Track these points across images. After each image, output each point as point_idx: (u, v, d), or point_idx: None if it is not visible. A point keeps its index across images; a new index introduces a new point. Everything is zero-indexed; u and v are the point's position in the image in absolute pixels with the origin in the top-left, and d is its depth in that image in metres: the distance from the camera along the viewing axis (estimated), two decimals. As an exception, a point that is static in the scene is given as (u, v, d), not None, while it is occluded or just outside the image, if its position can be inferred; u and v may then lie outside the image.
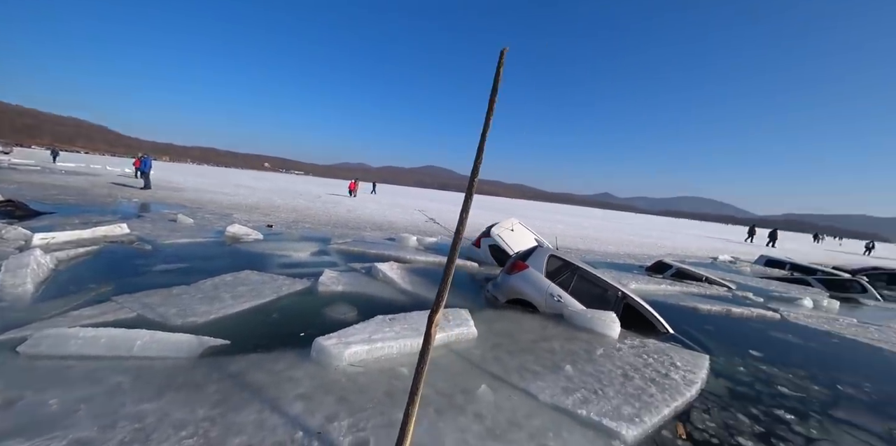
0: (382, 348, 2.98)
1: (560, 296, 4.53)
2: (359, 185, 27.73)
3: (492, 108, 1.98)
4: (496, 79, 2.00)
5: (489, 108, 1.98)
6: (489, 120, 1.96)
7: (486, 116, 1.99)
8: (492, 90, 2.01)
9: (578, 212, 59.50)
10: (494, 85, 2.00)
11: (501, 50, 2.07)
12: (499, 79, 1.99)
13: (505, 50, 2.06)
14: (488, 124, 1.95)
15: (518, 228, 7.84)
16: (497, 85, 2.00)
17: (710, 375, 3.53)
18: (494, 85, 2.00)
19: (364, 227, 11.19)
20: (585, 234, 17.74)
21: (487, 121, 1.96)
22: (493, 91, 2.01)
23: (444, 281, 1.80)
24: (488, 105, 1.99)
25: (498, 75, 2.00)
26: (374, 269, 5.51)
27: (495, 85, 2.00)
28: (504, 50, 2.06)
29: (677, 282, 8.11)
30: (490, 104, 1.99)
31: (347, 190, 26.83)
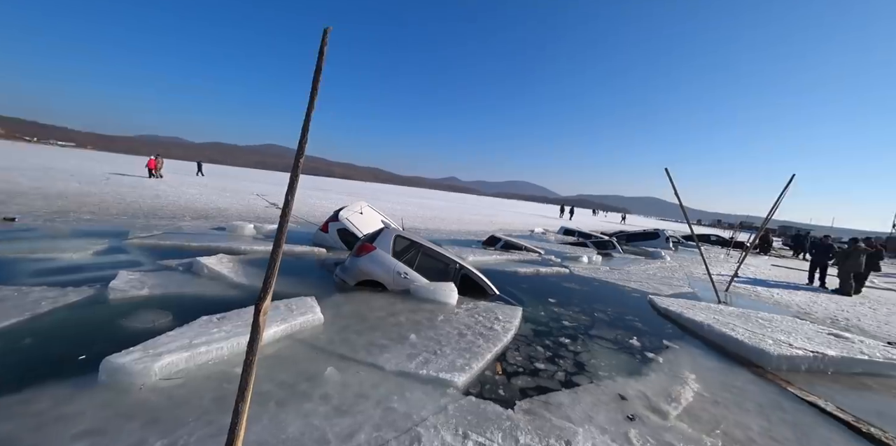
0: (209, 352, 2.61)
1: (406, 272, 4.88)
2: (161, 164, 21.48)
3: (316, 89, 1.92)
4: (320, 59, 1.95)
5: (313, 89, 1.92)
6: (314, 100, 1.90)
7: (310, 96, 1.92)
8: (315, 70, 1.95)
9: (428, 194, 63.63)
10: (318, 65, 1.94)
11: (324, 29, 2.01)
12: (322, 59, 1.94)
13: (328, 29, 2.01)
14: (312, 105, 1.90)
15: (367, 211, 7.88)
16: (321, 65, 1.95)
17: (522, 322, 4.49)
18: (318, 65, 1.94)
19: (181, 216, 9.15)
20: (433, 215, 19.23)
21: (312, 101, 1.90)
22: (316, 71, 1.95)
23: (270, 266, 1.72)
24: (312, 85, 1.93)
25: (321, 55, 1.94)
26: (197, 265, 4.65)
27: (319, 65, 1.94)
28: (327, 29, 2.01)
29: (505, 252, 9.78)
30: (314, 84, 1.93)
31: (147, 170, 20.74)
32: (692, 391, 3.14)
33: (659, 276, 8.99)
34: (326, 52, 2.00)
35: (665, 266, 11.15)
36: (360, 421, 2.21)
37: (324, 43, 1.99)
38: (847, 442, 2.66)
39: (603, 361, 3.62)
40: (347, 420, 2.20)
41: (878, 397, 3.52)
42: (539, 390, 2.93)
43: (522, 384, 3.02)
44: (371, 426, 2.17)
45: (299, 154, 1.84)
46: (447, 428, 2.21)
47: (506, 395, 2.80)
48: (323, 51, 1.98)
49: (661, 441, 2.38)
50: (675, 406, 2.85)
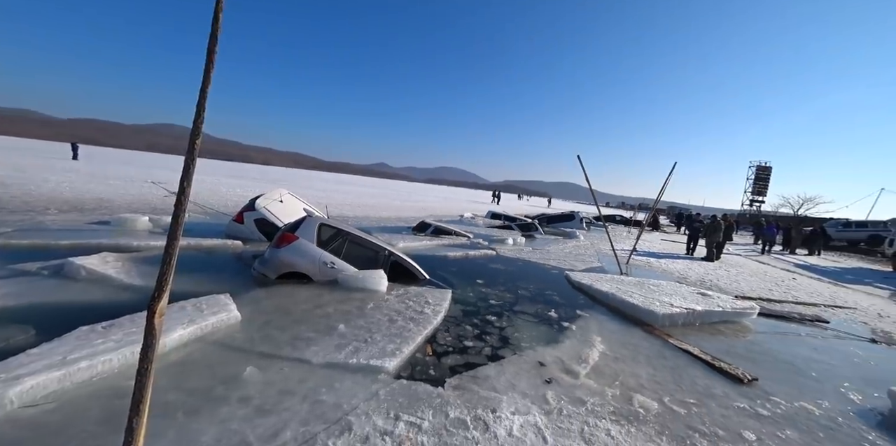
0: (92, 367, 2.23)
1: (333, 262, 4.69)
2: None
3: (212, 61, 1.69)
4: (214, 25, 1.70)
5: (208, 60, 1.68)
6: (209, 73, 1.67)
7: (205, 69, 1.68)
8: (210, 38, 1.70)
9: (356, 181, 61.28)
10: (213, 32, 1.70)
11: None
12: (218, 26, 1.70)
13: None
14: (209, 78, 1.67)
15: (287, 199, 7.33)
16: (216, 32, 1.71)
17: (451, 304, 4.65)
18: (213, 32, 1.70)
19: (43, 209, 7.50)
20: (362, 202, 18.65)
21: (208, 74, 1.67)
22: (211, 39, 1.70)
23: (165, 263, 1.51)
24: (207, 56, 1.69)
25: (216, 21, 1.70)
26: (71, 266, 3.88)
27: (214, 32, 1.70)
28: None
29: (435, 238, 9.94)
30: (209, 55, 1.69)
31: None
32: (598, 352, 3.61)
33: (574, 254, 9.98)
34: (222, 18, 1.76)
35: (580, 244, 12.41)
36: (285, 418, 2.11)
37: (219, 6, 1.75)
38: (707, 377, 3.33)
39: (525, 334, 3.95)
40: (271, 419, 2.09)
41: (727, 339, 4.45)
42: (467, 366, 3.10)
43: (452, 362, 3.16)
44: (297, 422, 2.09)
45: (195, 135, 1.61)
46: (378, 413, 2.23)
47: (436, 374, 2.90)
48: (218, 16, 1.74)
49: (573, 397, 2.70)
50: (585, 366, 3.24)
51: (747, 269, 10.88)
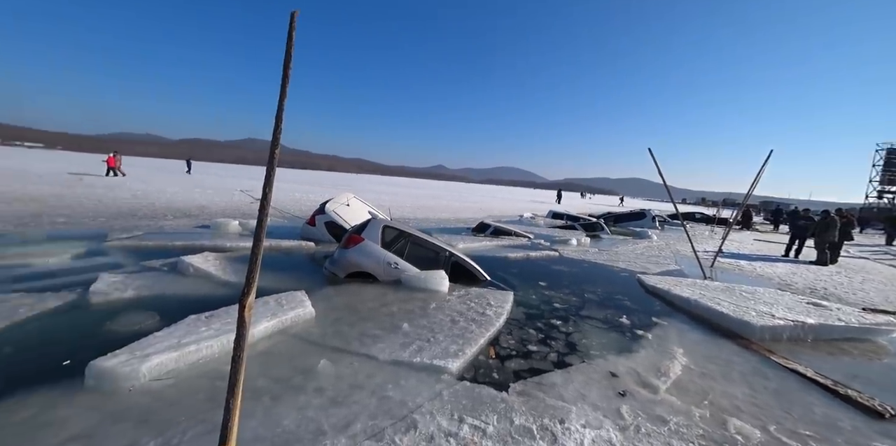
0: (199, 350, 2.58)
1: (396, 262, 4.86)
2: (119, 161, 20.44)
3: (287, 76, 1.84)
4: (289, 44, 1.86)
5: (284, 76, 1.84)
6: (285, 88, 1.83)
7: (281, 85, 1.84)
8: (285, 56, 1.86)
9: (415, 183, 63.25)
10: (287, 50, 1.86)
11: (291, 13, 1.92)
12: (291, 44, 1.85)
13: (295, 13, 1.92)
14: (284, 93, 1.82)
15: (354, 202, 7.79)
16: (290, 50, 1.86)
17: (514, 306, 4.54)
18: (287, 50, 1.86)
19: (162, 216, 8.92)
20: (421, 204, 19.15)
21: (284, 89, 1.82)
22: (286, 56, 1.86)
23: (252, 262, 1.67)
24: (283, 72, 1.85)
25: (290, 40, 1.86)
26: (182, 264, 4.56)
27: (288, 50, 1.86)
28: (294, 13, 1.92)
29: (495, 238, 9.84)
30: (285, 71, 1.85)
31: (106, 167, 19.81)
32: (680, 365, 3.25)
33: (646, 255, 9.17)
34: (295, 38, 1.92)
35: (652, 245, 11.37)
36: (355, 411, 2.22)
37: (292, 28, 1.90)
38: (826, 405, 2.79)
39: (594, 340, 3.70)
40: (343, 410, 2.22)
41: (853, 361, 3.70)
42: (532, 372, 2.99)
43: (516, 366, 3.07)
44: (367, 415, 2.19)
45: (274, 145, 1.77)
46: (442, 414, 2.24)
47: (500, 378, 2.84)
48: (291, 36, 1.90)
49: (652, 414, 2.46)
50: (665, 380, 2.94)
51: (878, 276, 8.99)
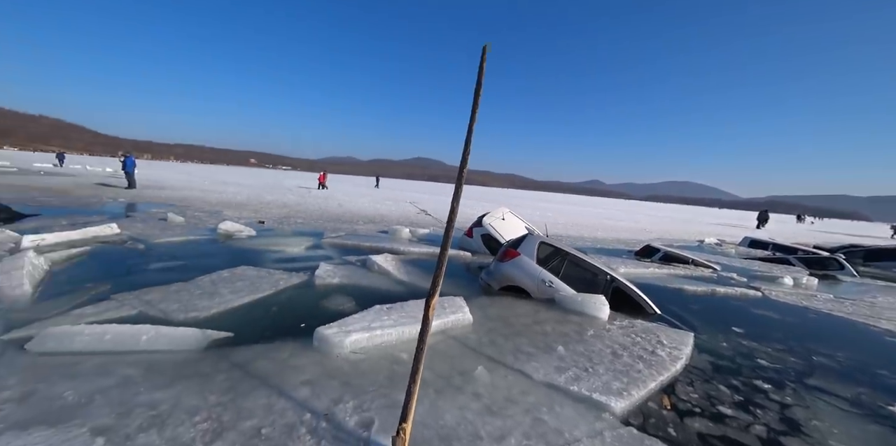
0: (381, 335, 3.10)
1: (551, 281, 4.70)
2: (326, 177, 28.60)
3: (477, 102, 2.06)
4: (480, 73, 2.08)
5: (474, 102, 2.06)
6: (475, 113, 2.04)
7: (472, 110, 2.07)
8: (476, 84, 2.09)
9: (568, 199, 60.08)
10: (479, 79, 2.08)
11: (483, 45, 2.14)
12: (482, 73, 2.07)
13: (487, 46, 2.14)
14: (474, 117, 2.04)
15: (509, 217, 7.98)
16: (481, 79, 2.08)
17: (695, 351, 3.73)
18: (479, 79, 2.08)
19: (356, 221, 11.24)
20: (575, 221, 18.02)
21: (473, 114, 2.04)
22: (477, 85, 2.09)
23: (438, 268, 1.91)
24: (473, 99, 2.07)
25: (481, 70, 2.08)
26: (369, 261, 5.61)
27: (479, 79, 2.08)
28: (486, 45, 2.14)
29: (665, 265, 8.36)
30: (475, 98, 2.07)
31: (318, 183, 27.57)
32: None
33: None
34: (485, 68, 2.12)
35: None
36: (509, 425, 2.22)
37: (483, 59, 2.12)
38: None
39: (834, 425, 2.65)
40: (498, 421, 2.25)
41: None
42: (726, 442, 2.36)
43: (701, 428, 2.49)
44: (520, 433, 2.16)
45: (463, 165, 1.99)
46: (606, 457, 2.00)
47: (678, 437, 2.35)
48: (482, 66, 2.12)
49: None
50: None
51: None
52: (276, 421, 2.05)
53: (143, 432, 1.88)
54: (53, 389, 2.14)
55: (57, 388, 2.15)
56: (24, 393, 2.09)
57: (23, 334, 2.73)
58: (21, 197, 10.16)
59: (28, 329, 2.82)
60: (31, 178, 16.29)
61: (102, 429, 1.87)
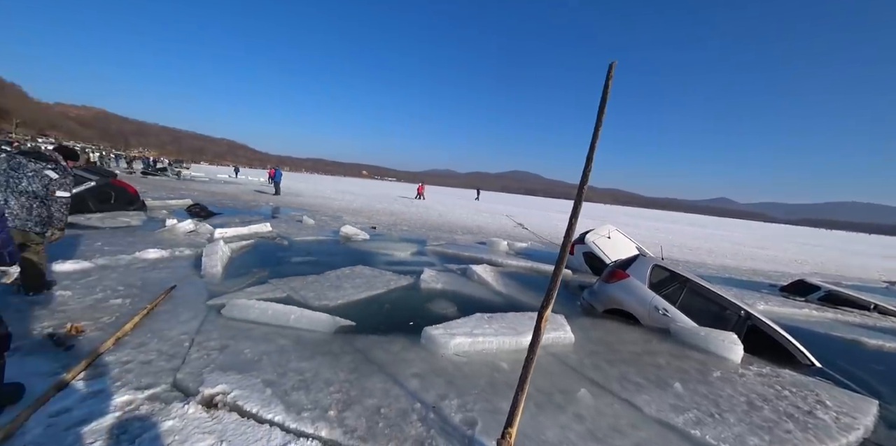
0: (483, 343, 3.22)
1: (666, 309, 4.21)
2: (424, 188, 31.18)
3: (600, 120, 2.07)
4: (605, 91, 2.09)
5: (598, 120, 2.08)
6: (598, 131, 2.05)
7: (595, 128, 2.09)
8: (600, 101, 2.11)
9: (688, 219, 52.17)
10: (603, 96, 2.09)
11: (610, 64, 2.15)
12: (607, 91, 2.07)
13: (614, 63, 2.14)
14: (597, 135, 2.05)
15: (615, 235, 7.40)
16: (606, 96, 2.09)
17: (880, 424, 2.92)
18: (603, 96, 2.09)
19: (455, 231, 11.74)
20: (695, 245, 15.59)
21: (596, 132, 2.06)
22: (601, 102, 2.10)
23: (552, 281, 1.95)
24: (597, 116, 2.09)
25: (607, 88, 2.08)
26: (469, 271, 5.83)
27: (604, 96, 2.09)
28: (613, 63, 2.14)
29: (828, 308, 6.68)
30: (599, 115, 2.09)
31: (417, 193, 29.82)
32: None
33: None
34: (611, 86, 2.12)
35: None
36: (617, 456, 2.09)
37: (609, 77, 2.13)
38: None
39: None
40: (603, 449, 2.14)
41: None
42: None
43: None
44: (631, 468, 2.01)
45: (583, 183, 2.02)
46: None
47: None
48: (608, 84, 2.12)
49: None
50: None
51: None
52: (392, 404, 2.33)
53: (296, 391, 2.34)
54: (238, 346, 2.82)
55: (241, 346, 2.82)
56: (222, 346, 2.79)
57: (219, 302, 3.63)
58: (211, 200, 13.38)
59: (221, 298, 3.74)
60: (216, 186, 21.32)
61: (269, 382, 2.39)
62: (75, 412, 1.95)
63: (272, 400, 2.21)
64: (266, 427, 2.00)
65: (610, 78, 2.13)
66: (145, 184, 16.16)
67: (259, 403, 2.17)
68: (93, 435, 1.81)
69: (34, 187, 3.09)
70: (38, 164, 3.15)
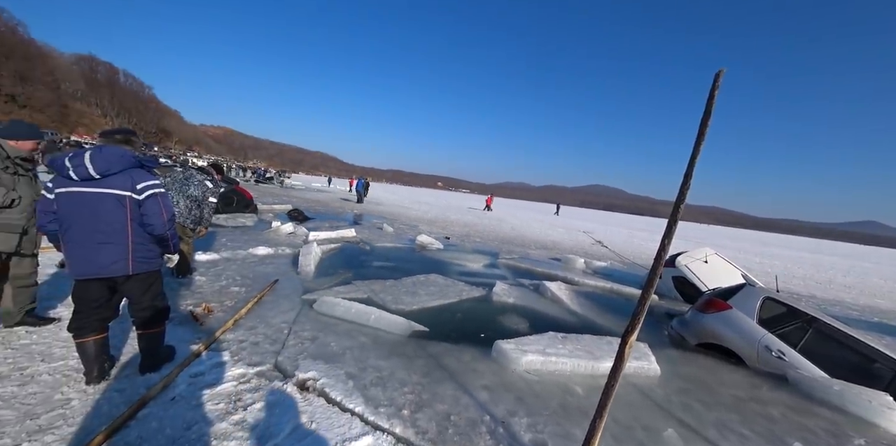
0: (556, 363, 3.09)
1: (783, 352, 3.55)
2: (492, 200, 31.64)
3: (703, 133, 1.91)
4: (709, 102, 1.93)
5: (700, 133, 1.92)
6: (699, 145, 1.89)
7: (696, 140, 1.93)
8: (704, 114, 1.95)
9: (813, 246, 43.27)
10: (707, 109, 1.93)
11: (717, 72, 1.98)
12: (712, 102, 1.91)
13: (721, 71, 1.97)
14: (699, 149, 1.89)
15: (714, 260, 6.50)
16: (710, 108, 1.92)
17: None
18: (707, 109, 1.93)
19: (529, 245, 11.47)
20: (827, 278, 12.84)
21: (698, 146, 1.90)
22: (705, 114, 1.94)
23: (641, 303, 1.83)
24: (699, 130, 1.93)
25: (712, 98, 1.92)
26: (543, 287, 5.65)
27: (708, 109, 1.93)
28: (720, 72, 1.97)
29: None
30: (701, 128, 1.93)
31: (485, 204, 30.12)
32: None
33: None
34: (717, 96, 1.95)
35: None
36: (713, 513, 1.82)
37: (715, 86, 1.96)
38: None
39: None
40: (696, 502, 1.88)
41: None
42: None
43: None
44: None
45: (680, 200, 1.87)
46: None
47: None
48: (713, 94, 1.95)
49: None
50: None
51: None
52: (461, 413, 2.36)
53: (374, 386, 2.52)
54: (326, 338, 3.14)
55: (328, 338, 3.14)
56: (313, 337, 3.14)
57: (311, 297, 4.09)
58: (305, 206, 15.13)
59: (313, 294, 4.21)
60: (310, 194, 24.07)
61: (351, 375, 2.61)
62: (207, 376, 2.38)
63: (353, 392, 2.41)
64: (348, 415, 2.19)
65: (716, 88, 1.95)
66: (257, 191, 18.94)
67: (342, 393, 2.39)
68: (218, 397, 2.19)
69: (197, 193, 3.99)
70: (202, 176, 4.09)
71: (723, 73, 2.00)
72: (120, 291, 2.22)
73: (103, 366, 2.21)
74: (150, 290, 2.28)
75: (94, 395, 2.09)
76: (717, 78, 2.00)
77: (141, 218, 2.12)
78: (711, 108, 1.96)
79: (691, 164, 1.91)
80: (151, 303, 2.29)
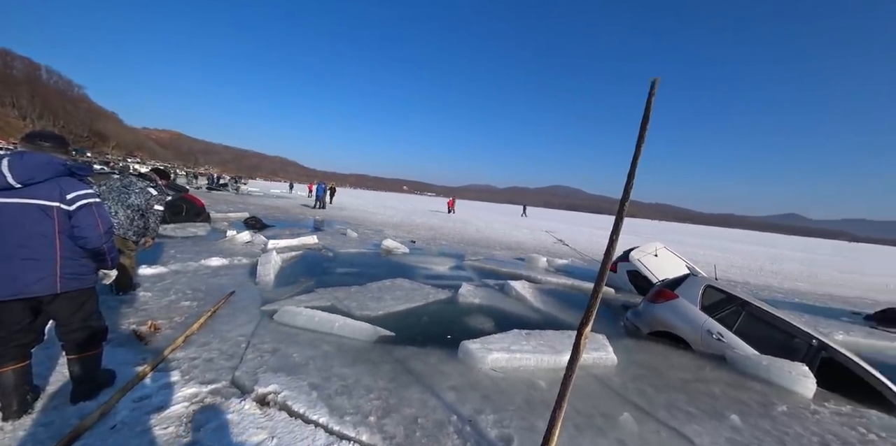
0: (520, 359, 3.18)
1: (721, 334, 3.90)
2: (455, 203, 31.33)
3: (643, 137, 2.07)
4: (647, 108, 2.10)
5: (640, 137, 2.08)
6: (640, 148, 2.05)
7: (636, 145, 2.09)
8: (643, 119, 2.11)
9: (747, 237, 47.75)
10: (645, 114, 2.10)
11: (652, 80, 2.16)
12: (650, 108, 2.08)
13: (657, 80, 2.15)
14: (639, 152, 2.05)
15: (663, 253, 7.00)
16: (648, 114, 2.09)
17: None
18: (645, 114, 2.10)
19: (494, 246, 11.70)
20: (757, 266, 14.22)
21: (638, 149, 2.06)
22: (643, 119, 2.11)
23: (593, 297, 1.94)
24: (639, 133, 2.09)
25: (649, 105, 2.09)
26: (507, 287, 5.79)
27: (646, 114, 2.09)
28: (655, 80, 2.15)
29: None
30: (641, 132, 2.09)
31: (447, 207, 30.06)
32: None
33: None
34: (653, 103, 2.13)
35: None
36: (664, 488, 1.97)
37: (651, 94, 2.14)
38: None
39: None
40: (649, 480, 2.02)
41: None
42: None
43: None
44: (680, 502, 1.88)
45: (624, 199, 2.01)
46: None
47: None
48: (650, 101, 2.13)
49: None
50: None
51: None
52: (429, 415, 2.37)
53: (338, 396, 2.47)
54: (287, 350, 3.03)
55: (289, 350, 3.03)
56: (274, 349, 3.02)
57: (271, 308, 3.92)
58: (264, 213, 14.45)
59: (273, 305, 4.04)
60: (269, 200, 23.02)
61: (315, 386, 2.54)
62: (154, 399, 2.21)
63: (317, 403, 2.35)
64: (312, 427, 2.12)
65: (652, 95, 2.13)
66: (209, 198, 17.82)
67: (306, 404, 2.31)
68: (167, 421, 2.03)
69: (138, 201, 3.67)
70: (144, 183, 3.75)
71: (658, 82, 2.19)
72: (45, 312, 2.00)
73: (25, 399, 1.97)
74: (83, 309, 2.08)
75: (14, 432, 1.86)
76: (653, 86, 2.18)
77: (71, 230, 1.94)
78: (649, 113, 2.13)
79: (633, 166, 2.06)
80: (84, 323, 2.09)
